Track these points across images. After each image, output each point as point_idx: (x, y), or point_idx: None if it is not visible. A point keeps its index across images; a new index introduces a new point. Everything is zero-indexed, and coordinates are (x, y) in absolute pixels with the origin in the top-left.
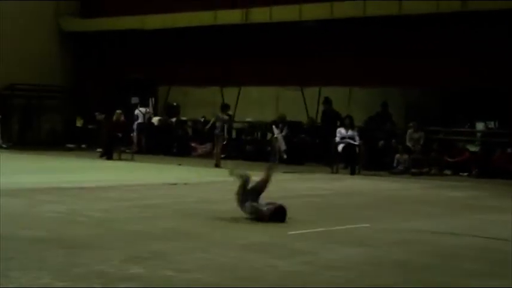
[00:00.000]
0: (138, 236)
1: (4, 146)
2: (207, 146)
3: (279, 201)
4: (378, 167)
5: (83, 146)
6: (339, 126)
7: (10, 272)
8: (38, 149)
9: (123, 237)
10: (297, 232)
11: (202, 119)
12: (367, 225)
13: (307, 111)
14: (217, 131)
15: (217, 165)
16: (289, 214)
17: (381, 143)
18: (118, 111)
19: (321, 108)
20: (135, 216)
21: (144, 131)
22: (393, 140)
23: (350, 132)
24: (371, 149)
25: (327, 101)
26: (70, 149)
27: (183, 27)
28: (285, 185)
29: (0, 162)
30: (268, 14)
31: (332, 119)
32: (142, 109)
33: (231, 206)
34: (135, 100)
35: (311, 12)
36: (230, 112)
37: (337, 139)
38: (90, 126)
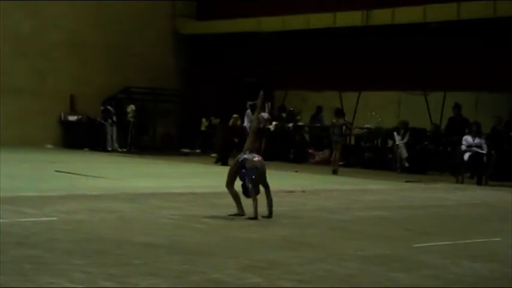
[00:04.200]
0: (254, 244)
1: (119, 150)
2: (325, 153)
3: None
4: (507, 177)
5: (197, 151)
6: (466, 134)
7: (127, 279)
8: (152, 153)
9: (240, 245)
10: (422, 245)
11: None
12: (497, 239)
13: (430, 117)
14: (335, 137)
15: (335, 172)
16: (412, 225)
17: None
18: (235, 115)
19: (446, 114)
20: (252, 223)
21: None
22: None
23: (477, 140)
24: (500, 159)
25: (457, 107)
26: (185, 154)
27: (301, 29)
28: (407, 195)
29: (115, 167)
30: (390, 16)
31: (459, 125)
32: (265, 114)
33: (351, 215)
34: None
35: (436, 14)
36: (346, 118)
37: (463, 147)
38: (204, 130)
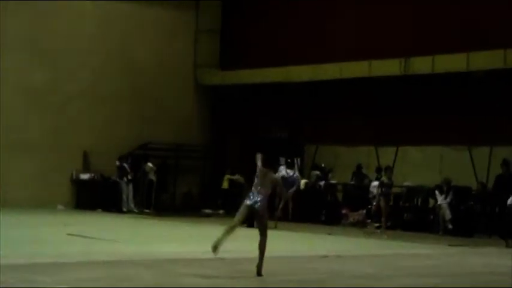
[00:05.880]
0: None
1: (136, 210)
2: (360, 213)
3: None
4: None
5: (220, 211)
6: None
7: None
8: (172, 214)
9: None
10: None
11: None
12: None
13: (476, 174)
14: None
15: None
16: None
17: None
18: None
19: (494, 171)
20: None
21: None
22: None
23: None
24: None
25: (505, 163)
26: (207, 215)
27: (333, 79)
28: (454, 260)
29: (132, 230)
30: (430, 64)
31: (508, 184)
32: (290, 171)
33: (396, 282)
34: (279, 161)
35: (481, 61)
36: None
37: (510, 202)
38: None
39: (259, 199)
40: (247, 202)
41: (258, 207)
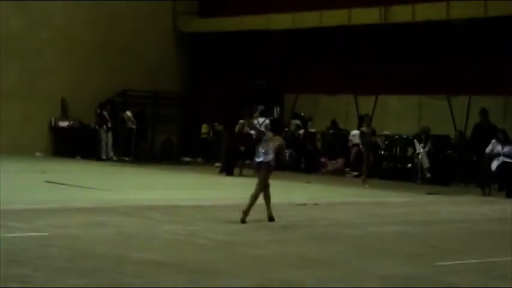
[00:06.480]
0: (265, 262)
1: (115, 158)
2: (339, 162)
3: None
4: None
5: (199, 159)
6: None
7: None
8: (151, 162)
9: (249, 263)
10: (446, 263)
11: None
12: None
13: (454, 123)
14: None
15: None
16: (435, 242)
17: None
18: (241, 121)
19: (472, 120)
20: (260, 239)
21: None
22: None
23: (506, 149)
24: None
25: (484, 112)
26: (186, 163)
27: (313, 27)
28: (430, 208)
29: (111, 177)
30: (410, 12)
31: (486, 133)
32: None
33: (369, 230)
34: (259, 109)
35: (461, 10)
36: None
37: (488, 150)
38: (205, 137)
39: (267, 155)
40: (257, 159)
41: (266, 160)
